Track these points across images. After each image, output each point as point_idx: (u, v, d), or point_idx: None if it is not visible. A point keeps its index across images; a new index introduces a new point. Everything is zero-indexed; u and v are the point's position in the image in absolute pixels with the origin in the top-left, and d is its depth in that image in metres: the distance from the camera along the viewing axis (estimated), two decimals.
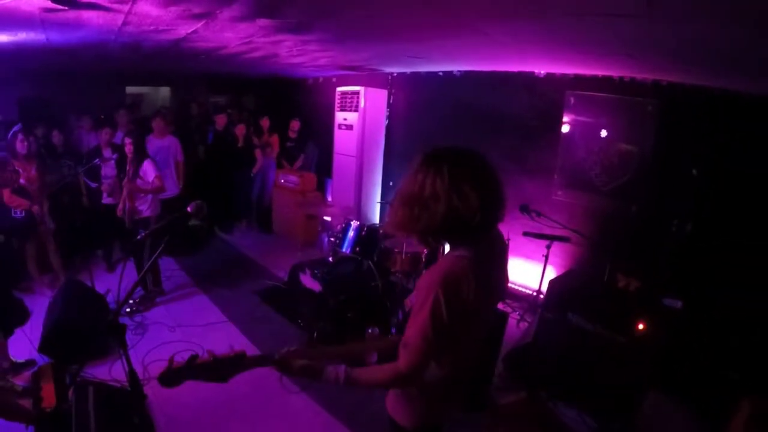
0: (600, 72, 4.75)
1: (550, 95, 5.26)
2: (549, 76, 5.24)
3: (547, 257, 4.95)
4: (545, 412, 3.05)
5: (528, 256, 5.45)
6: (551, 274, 5.02)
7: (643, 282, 3.87)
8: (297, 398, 3.97)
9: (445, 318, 1.54)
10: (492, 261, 1.73)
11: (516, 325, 5.07)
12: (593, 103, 4.86)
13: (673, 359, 3.44)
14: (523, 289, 5.63)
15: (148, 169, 5.16)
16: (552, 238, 4.82)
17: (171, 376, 1.70)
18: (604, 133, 4.85)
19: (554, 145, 5.25)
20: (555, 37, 3.23)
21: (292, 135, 8.47)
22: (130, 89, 9.83)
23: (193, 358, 1.69)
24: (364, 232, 4.93)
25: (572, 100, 5.02)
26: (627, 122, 4.66)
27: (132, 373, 2.02)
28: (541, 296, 4.97)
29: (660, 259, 4.21)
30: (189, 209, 2.29)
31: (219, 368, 1.74)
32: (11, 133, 5.45)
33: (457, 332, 1.62)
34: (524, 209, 4.83)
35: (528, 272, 5.50)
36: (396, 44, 4.44)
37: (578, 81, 4.99)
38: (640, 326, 3.47)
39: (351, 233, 5.01)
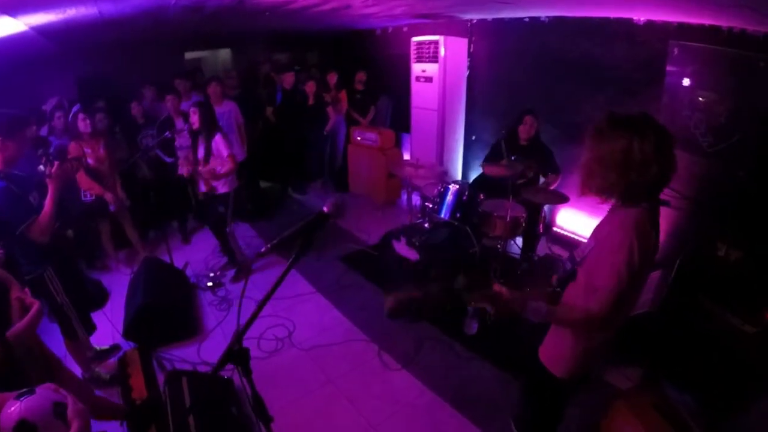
0: (707, 21, 4.67)
1: (650, 45, 5.23)
2: (649, 24, 5.22)
3: None
4: (662, 397, 3.20)
5: None
6: None
7: (746, 253, 3.84)
8: (399, 376, 4.10)
9: (636, 264, 1.82)
10: (656, 224, 1.96)
11: None
12: (700, 55, 4.81)
13: None
14: None
15: (221, 146, 5.20)
16: None
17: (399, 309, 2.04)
18: (710, 90, 4.78)
19: (656, 100, 5.22)
20: None
21: (359, 87, 8.75)
22: (189, 55, 10.06)
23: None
24: (465, 198, 5.05)
25: (676, 51, 4.99)
26: (737, 78, 4.56)
27: (257, 400, 2.00)
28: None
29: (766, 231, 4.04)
30: (325, 209, 1.99)
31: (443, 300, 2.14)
32: (71, 114, 5.72)
33: (639, 281, 1.92)
34: None
35: None
36: None
37: (682, 30, 4.93)
38: None
39: (450, 197, 5.13)
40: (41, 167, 3.26)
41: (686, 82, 5.00)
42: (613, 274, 1.86)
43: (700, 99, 4.90)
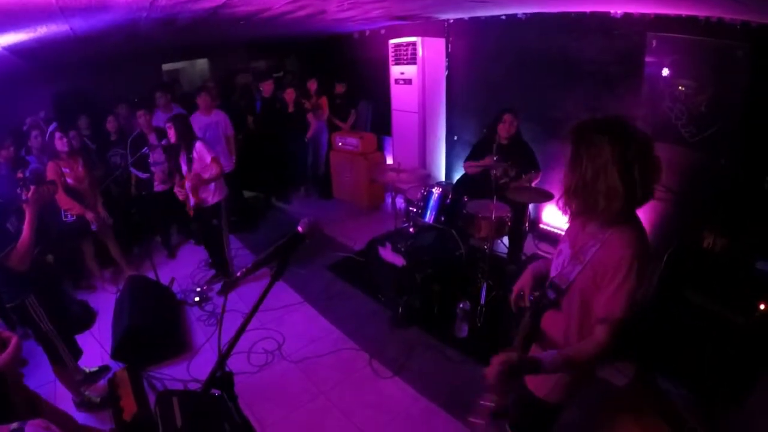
0: (684, 11, 4.72)
1: (628, 38, 5.28)
2: (626, 17, 5.27)
3: None
4: (657, 393, 3.22)
5: None
6: None
7: (731, 242, 3.90)
8: (391, 383, 4.08)
9: (637, 286, 1.77)
10: None
11: None
12: (678, 46, 4.87)
13: None
14: None
15: (203, 152, 5.12)
16: None
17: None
18: (690, 80, 4.84)
19: (636, 92, 5.29)
20: None
21: (340, 92, 8.79)
22: (167, 66, 10.10)
23: None
24: (448, 200, 5.06)
25: (654, 42, 5.04)
26: (715, 68, 4.63)
27: (245, 425, 2.01)
28: None
29: (750, 219, 4.11)
30: (300, 229, 1.96)
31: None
32: (48, 133, 5.62)
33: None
34: None
35: None
36: None
37: (660, 22, 4.98)
38: (762, 307, 3.42)
39: (433, 201, 5.13)
40: (19, 190, 3.21)
41: (665, 72, 5.06)
42: (620, 307, 1.80)
43: (680, 89, 4.96)
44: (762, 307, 3.42)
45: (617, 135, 1.72)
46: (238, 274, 1.97)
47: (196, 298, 5.57)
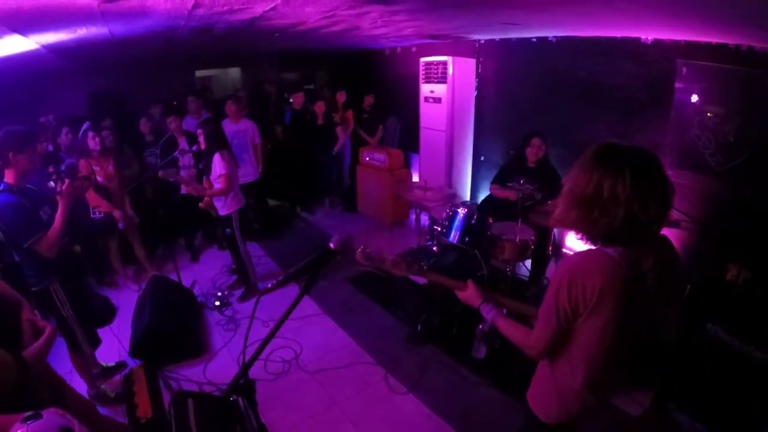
0: (714, 39, 4.72)
1: (658, 64, 5.27)
2: (657, 43, 5.26)
3: None
4: (671, 426, 3.21)
5: None
6: None
7: (755, 275, 3.84)
8: (405, 400, 4.09)
9: (566, 305, 1.77)
10: (653, 268, 1.76)
11: None
12: (708, 74, 4.85)
13: None
14: None
15: (216, 164, 5.18)
16: None
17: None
18: (719, 108, 4.81)
19: (664, 119, 5.27)
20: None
21: (368, 109, 8.94)
22: (200, 73, 10.32)
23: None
24: (473, 221, 5.02)
25: (684, 70, 5.03)
26: (745, 97, 4.60)
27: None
28: None
29: None
30: (332, 245, 1.98)
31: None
32: (81, 131, 5.83)
33: (577, 327, 1.82)
34: None
35: None
36: (497, 11, 4.36)
37: (690, 49, 4.98)
38: None
39: (458, 221, 5.10)
40: (51, 183, 3.35)
41: (694, 100, 5.04)
42: (544, 311, 1.88)
43: (709, 117, 4.93)
44: None
45: (618, 162, 1.70)
46: (269, 285, 2.04)
47: (217, 303, 5.65)
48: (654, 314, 1.87)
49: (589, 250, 1.82)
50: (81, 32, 4.12)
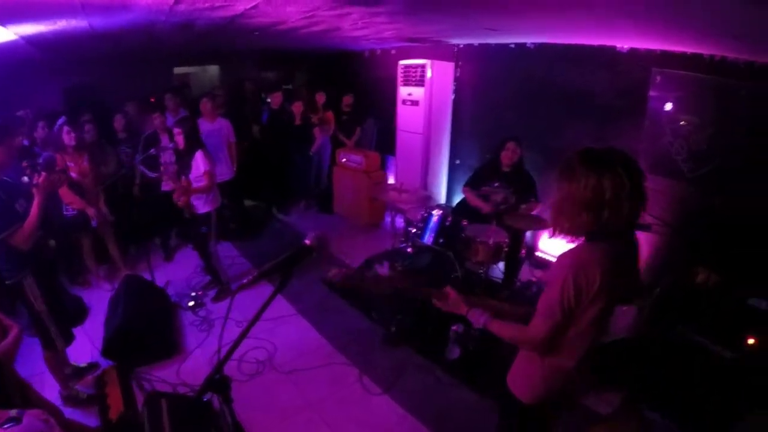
0: (689, 49, 4.81)
1: (633, 73, 5.37)
2: (632, 52, 5.36)
3: None
4: (642, 423, 3.27)
5: None
6: None
7: (724, 279, 3.96)
8: (380, 401, 4.09)
9: (571, 299, 1.87)
10: (626, 259, 1.98)
11: None
12: (682, 83, 4.95)
13: None
14: None
15: (199, 162, 5.18)
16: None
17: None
18: (692, 116, 4.92)
19: (638, 126, 5.36)
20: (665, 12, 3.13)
21: (346, 109, 8.91)
22: (178, 70, 10.21)
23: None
24: (448, 223, 5.10)
25: (659, 78, 5.13)
26: (718, 105, 4.71)
27: (237, 429, 2.09)
28: None
29: (745, 257, 4.12)
30: (308, 242, 1.98)
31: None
32: (56, 126, 5.71)
33: (577, 315, 1.93)
34: None
35: None
36: (476, 16, 4.42)
37: (665, 58, 5.07)
38: (750, 341, 3.53)
39: (433, 223, 5.18)
40: (25, 178, 3.31)
41: (668, 108, 5.15)
42: (548, 304, 1.95)
43: (682, 125, 5.05)
44: (750, 341, 3.50)
45: (607, 162, 1.83)
46: (244, 281, 2.03)
47: (190, 303, 5.58)
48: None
49: (585, 244, 1.95)
50: (61, 24, 4.10)
